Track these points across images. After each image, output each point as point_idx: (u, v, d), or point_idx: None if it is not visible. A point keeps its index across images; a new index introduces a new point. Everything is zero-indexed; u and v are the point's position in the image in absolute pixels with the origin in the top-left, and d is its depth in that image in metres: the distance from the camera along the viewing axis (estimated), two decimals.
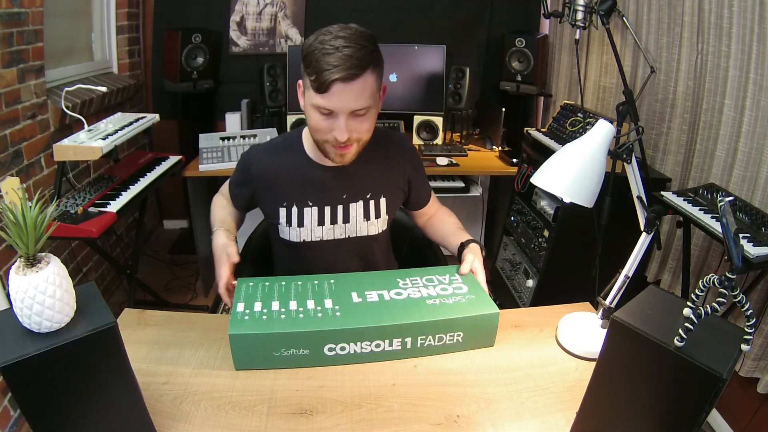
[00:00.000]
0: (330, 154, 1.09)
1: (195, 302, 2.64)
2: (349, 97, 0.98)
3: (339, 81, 0.95)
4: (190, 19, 2.83)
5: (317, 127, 1.04)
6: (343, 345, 0.96)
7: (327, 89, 0.96)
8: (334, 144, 1.04)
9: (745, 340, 0.67)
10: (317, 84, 0.97)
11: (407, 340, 0.99)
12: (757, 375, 1.61)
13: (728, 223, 0.69)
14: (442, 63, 2.78)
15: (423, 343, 1.00)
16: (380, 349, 0.98)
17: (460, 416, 0.90)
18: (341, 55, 0.94)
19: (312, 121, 1.04)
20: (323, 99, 0.98)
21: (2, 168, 1.68)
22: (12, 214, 0.67)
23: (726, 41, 1.68)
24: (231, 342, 0.93)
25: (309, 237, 1.21)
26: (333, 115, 1.01)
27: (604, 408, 0.79)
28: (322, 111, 1.00)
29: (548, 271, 2.05)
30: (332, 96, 0.97)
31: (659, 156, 2.07)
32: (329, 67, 0.94)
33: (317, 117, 1.02)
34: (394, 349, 0.99)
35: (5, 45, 1.68)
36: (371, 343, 0.97)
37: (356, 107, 1.00)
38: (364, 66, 0.97)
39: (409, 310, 1.00)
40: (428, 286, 1.08)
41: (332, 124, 1.01)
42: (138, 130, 2.05)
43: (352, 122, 1.02)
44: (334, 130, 1.01)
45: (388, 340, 0.98)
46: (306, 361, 0.97)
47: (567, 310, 1.19)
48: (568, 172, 0.98)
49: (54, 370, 0.69)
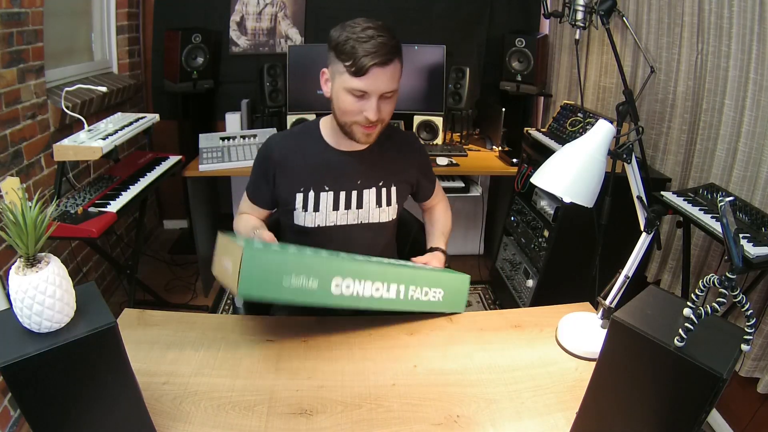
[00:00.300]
0: (357, 134, 1.18)
1: (195, 302, 2.63)
2: (383, 79, 1.10)
3: (377, 65, 1.07)
4: (190, 19, 2.83)
5: (349, 109, 1.14)
6: (349, 282, 0.99)
7: (365, 73, 1.07)
8: (364, 124, 1.15)
9: (745, 340, 0.67)
10: (355, 68, 1.07)
11: (401, 288, 1.07)
12: (757, 375, 1.60)
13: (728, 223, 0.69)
14: (442, 63, 2.78)
15: (413, 296, 1.09)
16: (379, 294, 1.04)
17: (460, 416, 0.90)
18: (376, 42, 1.07)
19: (344, 104, 1.14)
20: (360, 81, 1.09)
21: (2, 168, 1.68)
22: (12, 214, 0.67)
23: (726, 41, 1.68)
24: (243, 261, 0.88)
25: (324, 222, 1.27)
26: (365, 97, 1.12)
27: (604, 408, 0.79)
28: (356, 93, 1.11)
29: (548, 271, 2.05)
30: (369, 79, 1.08)
31: (659, 156, 2.07)
32: (367, 53, 1.06)
33: (350, 100, 1.12)
34: (390, 296, 1.05)
35: (5, 45, 1.68)
36: (372, 284, 1.02)
37: (388, 89, 1.12)
38: (395, 53, 1.10)
39: (405, 265, 1.15)
40: (416, 267, 1.19)
41: (364, 105, 1.12)
42: (138, 130, 2.05)
43: (382, 103, 1.13)
44: (365, 110, 1.12)
45: (386, 285, 1.04)
46: (312, 297, 0.95)
47: (567, 310, 1.20)
48: (568, 172, 0.98)
49: (54, 370, 0.69)
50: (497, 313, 1.24)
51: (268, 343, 1.08)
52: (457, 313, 1.20)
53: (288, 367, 1.01)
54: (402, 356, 1.05)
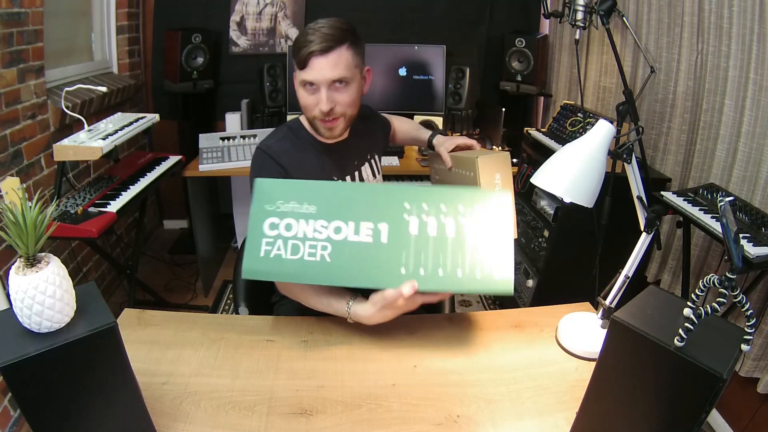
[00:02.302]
0: (320, 129, 1.19)
1: (195, 302, 2.63)
2: (326, 67, 1.09)
3: (316, 54, 1.08)
4: (190, 19, 2.83)
5: (306, 104, 1.15)
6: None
7: (306, 63, 1.09)
8: (321, 118, 1.15)
9: (745, 340, 0.67)
10: (298, 60, 1.10)
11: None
12: (757, 375, 1.60)
13: (728, 223, 0.69)
14: (442, 63, 2.78)
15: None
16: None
17: (460, 416, 0.90)
18: (319, 33, 1.08)
19: (301, 99, 1.16)
20: (305, 73, 1.10)
21: (2, 168, 1.68)
22: (12, 214, 0.67)
23: (726, 41, 1.68)
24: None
25: None
26: (316, 89, 1.12)
27: (604, 408, 0.79)
28: (307, 86, 1.13)
29: (548, 271, 2.05)
30: (312, 69, 1.09)
31: (659, 156, 2.07)
32: (308, 44, 1.08)
33: (304, 94, 1.14)
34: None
35: (5, 45, 1.68)
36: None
37: (333, 77, 1.10)
38: (339, 40, 1.09)
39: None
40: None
41: (316, 98, 1.12)
42: (138, 130, 2.05)
43: (333, 93, 1.12)
44: (318, 102, 1.12)
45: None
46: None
47: (567, 310, 1.19)
48: (568, 172, 0.98)
49: (54, 370, 0.69)
50: (497, 313, 1.24)
51: (268, 343, 1.08)
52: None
53: (288, 367, 1.01)
54: (402, 356, 1.05)
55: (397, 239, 0.93)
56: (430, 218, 0.94)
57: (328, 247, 0.93)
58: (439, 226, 0.94)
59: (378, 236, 0.93)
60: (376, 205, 0.96)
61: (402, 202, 0.95)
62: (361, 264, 0.93)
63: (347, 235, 0.94)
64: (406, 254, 0.93)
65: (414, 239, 0.93)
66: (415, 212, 0.95)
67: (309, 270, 0.93)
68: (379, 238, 0.93)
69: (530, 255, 2.19)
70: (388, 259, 0.93)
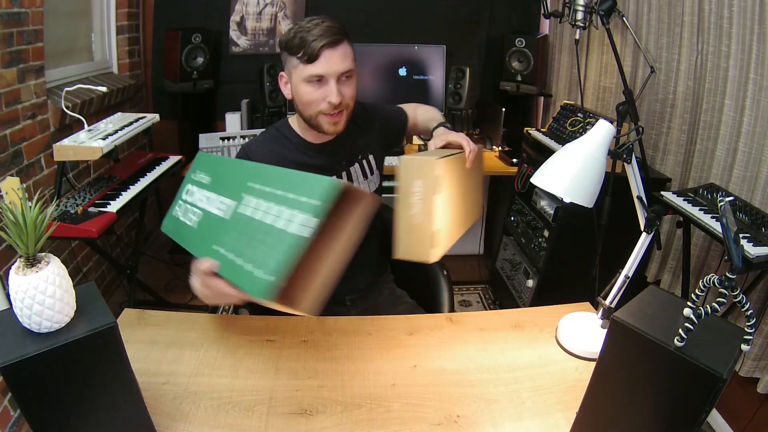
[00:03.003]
0: (323, 125, 1.17)
1: (195, 302, 2.63)
2: (336, 59, 1.11)
3: (327, 47, 1.08)
4: (190, 19, 2.83)
5: (310, 99, 1.14)
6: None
7: (317, 56, 1.09)
8: (328, 112, 1.15)
9: (745, 340, 0.67)
10: (307, 56, 1.09)
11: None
12: (757, 375, 1.60)
13: (728, 223, 0.69)
14: (442, 63, 2.78)
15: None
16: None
17: (460, 416, 0.90)
18: (322, 27, 1.09)
19: (305, 96, 1.14)
20: (315, 67, 1.10)
21: (2, 168, 1.68)
22: (12, 214, 0.67)
23: (726, 41, 1.68)
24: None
25: None
26: (323, 82, 1.12)
27: (604, 408, 0.79)
28: (313, 80, 1.12)
29: (548, 271, 2.05)
30: (322, 61, 1.09)
31: (659, 156, 2.07)
32: (315, 37, 1.08)
33: (309, 90, 1.13)
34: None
35: (5, 45, 1.67)
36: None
37: (343, 69, 1.12)
38: (343, 34, 1.12)
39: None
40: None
41: (324, 91, 1.12)
42: (138, 130, 2.05)
43: (341, 86, 1.13)
44: (327, 96, 1.12)
45: None
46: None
47: (567, 310, 1.20)
48: (568, 172, 0.98)
49: (54, 370, 0.69)
50: (497, 313, 1.24)
51: (268, 343, 1.08)
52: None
53: (288, 367, 1.01)
54: (402, 356, 1.05)
55: (234, 218, 0.89)
56: (260, 202, 0.86)
57: (198, 215, 1.01)
58: (261, 213, 0.84)
59: (227, 211, 0.93)
60: (238, 181, 0.94)
61: (247, 181, 0.91)
62: (202, 234, 0.97)
63: (211, 207, 0.98)
64: (230, 234, 0.88)
65: (242, 221, 0.87)
66: (255, 194, 0.88)
67: (185, 233, 1.03)
68: (226, 214, 0.92)
69: (530, 255, 2.19)
70: (215, 235, 0.91)
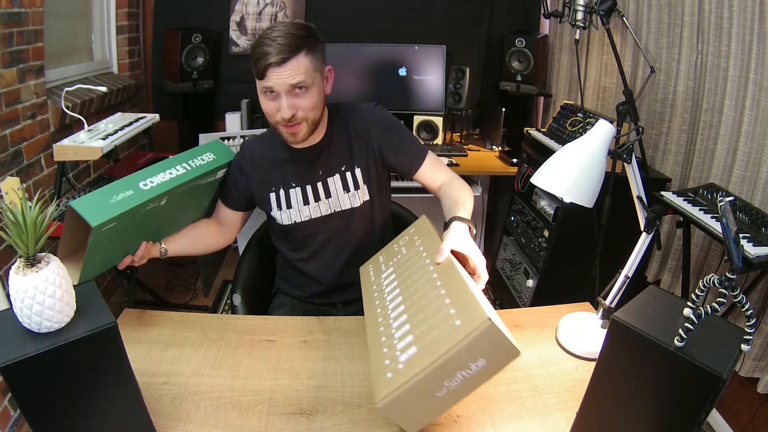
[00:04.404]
0: (284, 135, 1.19)
1: (195, 302, 2.63)
2: (284, 76, 1.10)
3: (271, 66, 1.09)
4: (190, 19, 2.83)
5: (267, 111, 1.16)
6: (152, 179, 1.09)
7: (264, 74, 1.10)
8: (284, 123, 1.16)
9: (745, 340, 0.67)
10: (256, 71, 1.11)
11: (184, 165, 1.15)
12: (757, 375, 1.60)
13: (728, 223, 0.69)
14: (442, 63, 2.78)
15: (194, 164, 1.17)
16: (173, 175, 1.11)
17: (460, 416, 0.90)
18: (275, 44, 1.09)
19: (263, 106, 1.17)
20: (264, 82, 1.12)
21: (2, 168, 1.68)
22: (12, 214, 0.67)
23: (726, 41, 1.68)
24: (75, 207, 1.01)
25: (298, 217, 1.30)
26: (276, 95, 1.13)
27: (604, 408, 0.79)
28: (267, 93, 1.14)
29: (548, 271, 2.05)
30: (270, 78, 1.11)
31: (659, 156, 2.07)
32: (262, 55, 1.09)
33: (265, 101, 1.15)
34: (180, 173, 1.13)
35: (5, 45, 1.67)
36: (164, 173, 1.11)
37: (293, 82, 1.11)
38: (295, 50, 1.10)
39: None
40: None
41: (278, 104, 1.13)
42: (138, 130, 2.05)
43: (293, 99, 1.13)
44: (280, 109, 1.13)
45: (174, 169, 1.13)
46: (133, 199, 1.05)
47: (567, 310, 1.20)
48: (568, 172, 0.98)
49: (54, 370, 0.69)
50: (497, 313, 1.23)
51: (268, 343, 1.08)
52: (229, 160, 1.25)
53: (288, 367, 1.01)
54: None
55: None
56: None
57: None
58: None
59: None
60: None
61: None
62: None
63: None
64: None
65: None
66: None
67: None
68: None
69: (530, 255, 2.19)
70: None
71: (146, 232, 1.18)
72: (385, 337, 0.86)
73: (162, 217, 1.17)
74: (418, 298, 0.89)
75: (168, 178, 1.11)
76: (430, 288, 0.89)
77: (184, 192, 1.15)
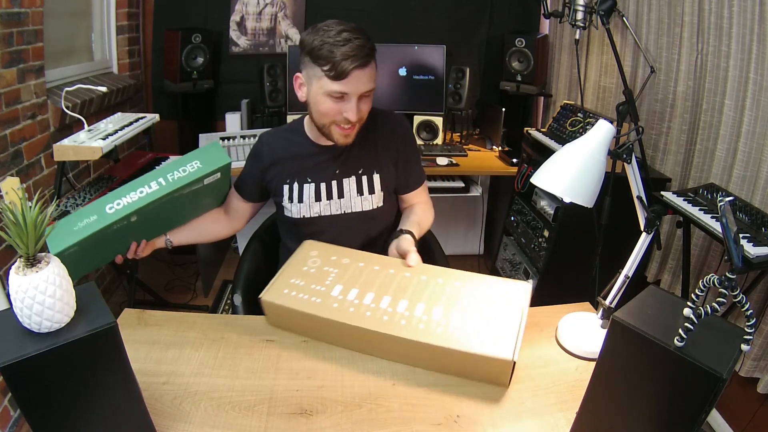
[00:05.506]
0: (335, 135, 1.20)
1: (195, 302, 2.64)
2: (363, 80, 1.12)
3: (357, 68, 1.09)
4: (190, 19, 2.83)
5: (328, 112, 1.15)
6: (119, 201, 1.10)
7: (347, 76, 1.09)
8: (342, 124, 1.17)
9: (745, 340, 0.67)
10: (335, 72, 1.09)
11: (161, 180, 1.14)
12: (757, 375, 1.61)
13: (728, 223, 0.69)
14: (442, 63, 2.78)
15: (174, 178, 1.15)
16: (144, 193, 1.11)
17: (460, 416, 0.90)
18: (354, 45, 1.08)
19: (323, 107, 1.15)
20: (341, 84, 1.10)
21: (2, 168, 1.68)
22: (12, 214, 0.67)
23: (726, 41, 1.68)
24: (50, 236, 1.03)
25: (308, 213, 1.31)
26: (345, 99, 1.13)
27: (604, 408, 0.79)
28: (335, 96, 1.13)
29: (548, 271, 2.05)
30: (350, 81, 1.10)
31: (659, 156, 2.07)
32: (346, 57, 1.07)
33: (329, 102, 1.14)
34: (155, 189, 1.12)
35: (5, 45, 1.67)
36: (136, 191, 1.11)
37: (367, 89, 1.14)
38: (372, 54, 1.12)
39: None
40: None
41: (343, 106, 1.14)
42: (138, 130, 2.05)
43: (360, 103, 1.15)
44: (345, 111, 1.14)
45: (147, 186, 1.12)
46: (96, 224, 1.07)
47: (567, 310, 1.20)
48: (568, 172, 0.98)
49: (54, 370, 0.69)
50: None
51: (268, 343, 1.08)
52: (226, 163, 1.19)
53: (288, 367, 1.01)
54: None
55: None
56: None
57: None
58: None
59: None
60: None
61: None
62: None
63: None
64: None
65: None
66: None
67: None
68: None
69: (530, 255, 2.19)
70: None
71: (134, 237, 1.20)
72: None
73: (149, 224, 1.19)
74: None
75: (137, 198, 1.11)
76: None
77: (160, 206, 1.15)
